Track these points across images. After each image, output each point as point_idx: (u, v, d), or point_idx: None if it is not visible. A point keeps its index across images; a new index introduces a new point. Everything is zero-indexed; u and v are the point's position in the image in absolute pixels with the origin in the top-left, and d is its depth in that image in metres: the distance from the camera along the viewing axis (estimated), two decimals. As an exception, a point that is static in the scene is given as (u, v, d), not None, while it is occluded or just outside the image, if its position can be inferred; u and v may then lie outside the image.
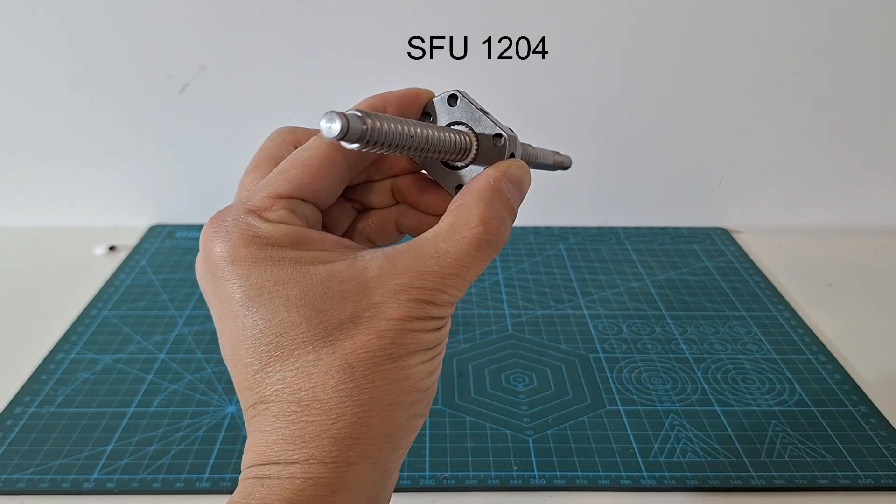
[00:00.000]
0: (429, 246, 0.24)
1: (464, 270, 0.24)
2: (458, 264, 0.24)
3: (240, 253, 0.23)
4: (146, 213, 0.76)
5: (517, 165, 0.26)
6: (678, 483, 0.43)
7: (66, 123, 0.70)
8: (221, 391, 0.50)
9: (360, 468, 0.22)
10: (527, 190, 0.26)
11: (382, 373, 0.22)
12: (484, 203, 0.24)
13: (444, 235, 0.24)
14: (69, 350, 0.54)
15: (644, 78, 0.69)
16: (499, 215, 0.24)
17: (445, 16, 0.66)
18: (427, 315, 0.23)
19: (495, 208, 0.25)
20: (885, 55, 0.68)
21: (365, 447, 0.22)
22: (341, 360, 0.22)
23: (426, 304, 0.23)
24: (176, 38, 0.67)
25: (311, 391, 0.22)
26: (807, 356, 0.54)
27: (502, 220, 0.25)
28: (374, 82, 0.68)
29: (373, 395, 0.22)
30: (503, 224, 0.25)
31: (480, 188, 0.25)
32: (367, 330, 0.22)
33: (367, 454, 0.22)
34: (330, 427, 0.22)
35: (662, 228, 0.75)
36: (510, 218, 0.25)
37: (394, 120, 0.23)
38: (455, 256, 0.24)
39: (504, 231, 0.25)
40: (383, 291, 0.23)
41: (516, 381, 0.52)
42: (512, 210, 0.25)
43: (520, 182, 0.26)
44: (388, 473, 0.24)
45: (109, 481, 0.43)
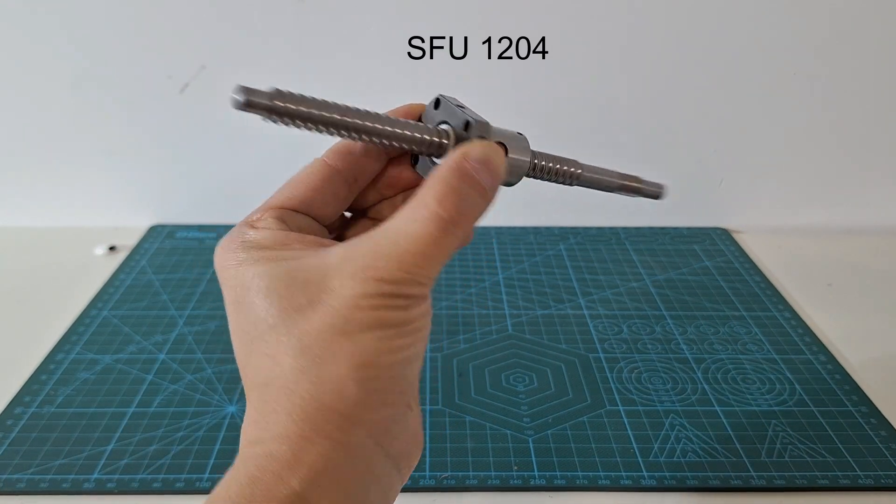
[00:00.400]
0: (387, 229, 0.24)
1: (423, 248, 0.24)
2: (415, 242, 0.24)
3: (230, 258, 0.25)
4: (146, 214, 0.76)
5: (482, 144, 0.26)
6: (678, 483, 0.43)
7: (66, 123, 0.70)
8: (221, 391, 0.50)
9: (316, 445, 0.22)
10: (499, 167, 0.26)
11: (333, 349, 0.23)
12: (441, 182, 0.25)
13: (401, 217, 0.25)
14: (69, 350, 0.54)
15: (644, 78, 0.69)
16: (459, 193, 0.24)
17: (445, 16, 0.66)
18: (383, 292, 0.23)
19: (454, 186, 0.25)
20: (885, 55, 0.68)
21: (319, 423, 0.23)
22: (296, 340, 0.23)
23: (382, 282, 0.23)
24: (176, 39, 0.67)
25: (272, 371, 0.23)
26: (807, 356, 0.54)
27: (464, 197, 0.25)
28: (375, 82, 0.69)
29: (322, 369, 0.23)
30: (465, 201, 0.24)
31: (440, 169, 0.25)
32: (322, 310, 0.23)
33: (323, 431, 0.23)
34: (287, 404, 0.23)
35: (662, 228, 0.75)
36: (478, 195, 0.25)
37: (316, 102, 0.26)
38: (412, 236, 0.24)
39: (468, 208, 0.25)
40: (341, 274, 0.24)
41: (516, 381, 0.52)
42: (478, 185, 0.25)
43: (486, 160, 0.25)
44: (361, 461, 0.23)
45: (109, 481, 0.43)
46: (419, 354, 0.25)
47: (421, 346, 0.25)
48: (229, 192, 0.75)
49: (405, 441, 0.26)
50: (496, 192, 0.26)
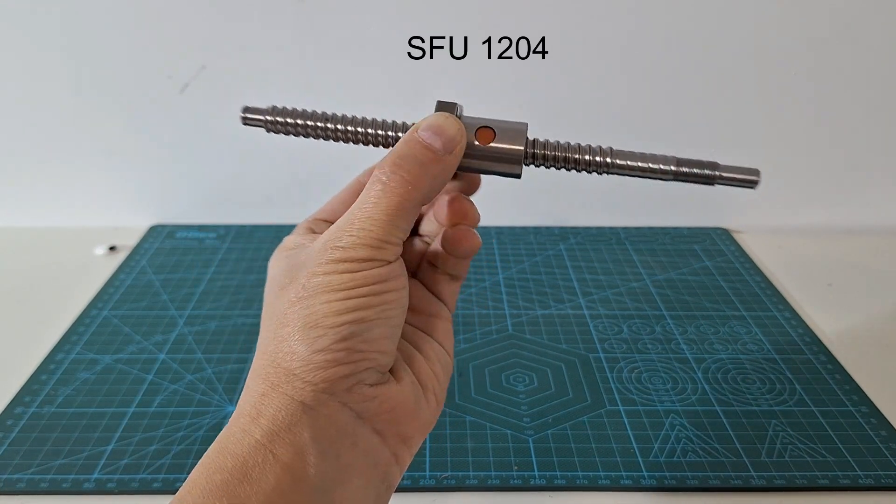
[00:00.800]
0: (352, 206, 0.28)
1: (369, 212, 0.26)
2: (362, 208, 0.27)
3: (271, 260, 0.30)
4: (146, 214, 0.76)
5: (433, 115, 0.28)
6: (678, 483, 0.43)
7: (66, 123, 0.70)
8: (222, 391, 0.50)
9: (273, 401, 0.25)
10: (448, 130, 0.28)
11: (290, 314, 0.26)
12: (389, 153, 0.27)
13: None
14: (69, 350, 0.54)
15: (644, 78, 0.69)
16: (403, 157, 0.27)
17: (445, 16, 0.66)
18: (334, 258, 0.26)
19: (399, 152, 0.27)
20: (885, 55, 0.68)
21: (275, 381, 0.26)
22: (272, 311, 0.27)
23: (335, 249, 0.26)
24: (176, 39, 0.67)
25: (260, 341, 0.27)
26: (807, 356, 0.54)
27: (409, 160, 0.27)
28: (375, 82, 0.69)
29: (281, 331, 0.26)
30: (410, 164, 0.27)
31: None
32: (293, 284, 0.27)
33: (279, 388, 0.25)
34: (257, 367, 0.27)
35: (662, 228, 0.75)
36: (429, 158, 0.27)
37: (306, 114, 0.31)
38: (359, 203, 0.27)
39: (414, 170, 0.27)
40: (311, 251, 0.27)
41: (516, 381, 0.52)
42: (426, 148, 0.27)
43: (434, 126, 0.28)
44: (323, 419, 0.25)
45: (110, 481, 0.43)
46: (380, 318, 0.26)
47: (382, 311, 0.26)
48: (229, 192, 0.75)
49: (388, 411, 0.27)
50: (452, 150, 0.28)
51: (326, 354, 0.25)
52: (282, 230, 0.74)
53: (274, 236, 0.73)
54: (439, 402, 0.30)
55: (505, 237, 0.74)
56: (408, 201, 0.27)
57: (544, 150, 0.30)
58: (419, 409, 0.28)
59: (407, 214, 0.27)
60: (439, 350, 0.31)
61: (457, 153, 0.28)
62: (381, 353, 0.27)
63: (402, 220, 0.27)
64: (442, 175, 0.28)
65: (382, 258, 0.26)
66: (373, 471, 0.27)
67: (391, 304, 0.27)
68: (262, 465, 0.24)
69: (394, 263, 0.27)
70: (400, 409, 0.27)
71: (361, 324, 0.26)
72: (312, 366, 0.25)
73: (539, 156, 0.30)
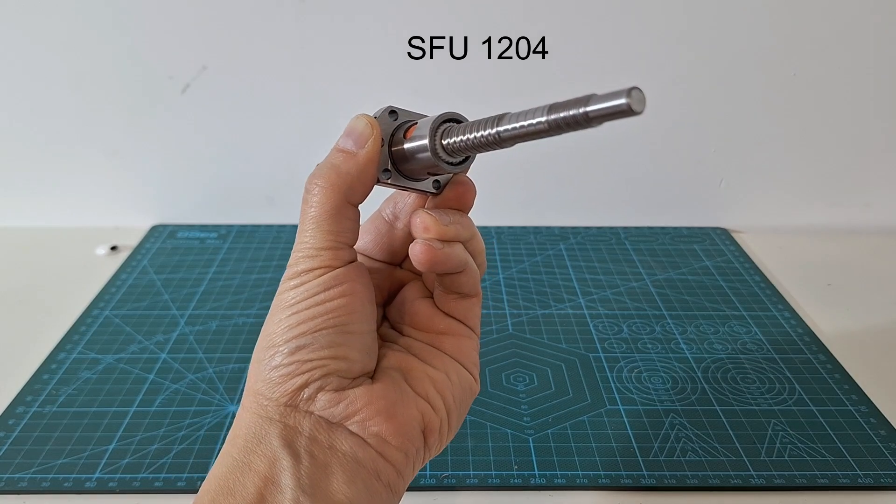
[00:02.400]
0: None
1: (301, 225, 0.28)
2: (301, 223, 0.28)
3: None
4: (148, 214, 0.76)
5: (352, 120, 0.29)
6: (678, 482, 0.43)
7: (67, 124, 0.71)
8: (223, 391, 0.50)
9: (243, 419, 0.27)
10: (356, 128, 0.29)
11: (259, 342, 0.28)
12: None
13: None
14: (71, 350, 0.55)
15: (644, 78, 0.69)
16: (320, 166, 0.28)
17: (445, 16, 0.66)
18: (286, 276, 0.28)
19: (319, 164, 0.29)
20: (885, 55, 0.68)
21: (246, 403, 0.28)
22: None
23: (287, 270, 0.28)
24: (177, 39, 0.67)
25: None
26: (807, 356, 0.55)
27: (325, 167, 0.28)
28: (375, 82, 0.69)
29: (253, 359, 0.28)
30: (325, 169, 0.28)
31: None
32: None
33: (248, 408, 0.27)
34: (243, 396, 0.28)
35: (662, 228, 0.75)
36: (342, 158, 0.28)
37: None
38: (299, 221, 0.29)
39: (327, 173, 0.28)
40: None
41: (517, 381, 0.52)
42: (341, 151, 0.28)
43: (348, 129, 0.29)
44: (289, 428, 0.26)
45: (111, 481, 0.43)
46: (328, 326, 0.27)
47: (328, 319, 0.27)
48: (230, 192, 0.75)
49: (358, 411, 0.27)
50: (364, 144, 0.28)
51: (280, 370, 0.27)
52: (283, 230, 0.74)
53: (275, 236, 0.73)
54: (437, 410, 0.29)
55: (505, 237, 0.74)
56: (330, 205, 0.28)
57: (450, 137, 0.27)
58: (396, 409, 0.28)
59: (335, 218, 0.28)
60: (451, 364, 0.31)
61: (370, 146, 0.28)
62: (335, 360, 0.27)
63: (333, 223, 0.28)
64: (360, 170, 0.28)
65: (322, 265, 0.28)
66: (357, 467, 0.27)
67: (340, 309, 0.27)
68: (241, 479, 0.25)
69: (339, 269, 0.28)
70: (370, 409, 0.27)
71: (307, 335, 0.27)
72: (271, 383, 0.27)
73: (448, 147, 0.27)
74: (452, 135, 0.27)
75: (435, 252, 0.28)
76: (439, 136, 0.27)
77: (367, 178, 0.28)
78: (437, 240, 0.29)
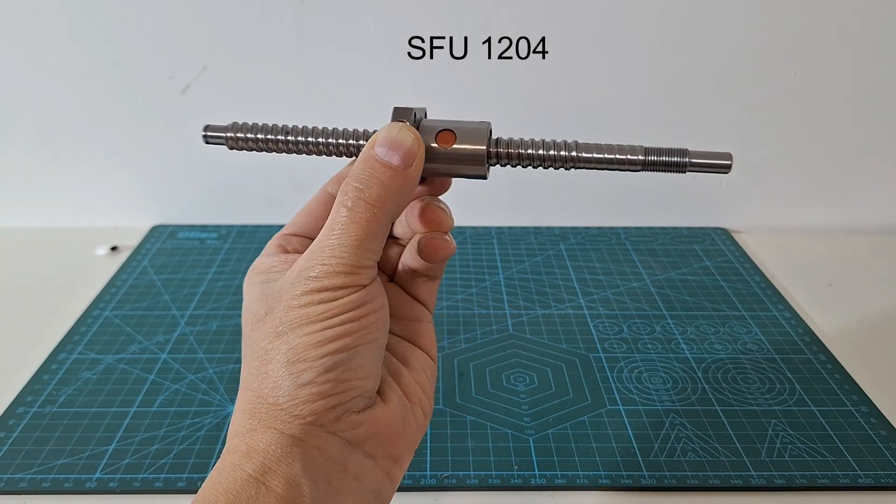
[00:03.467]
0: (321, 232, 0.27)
1: (337, 238, 0.26)
2: (329, 234, 0.26)
3: (245, 282, 0.29)
4: (148, 214, 0.76)
5: (385, 127, 0.27)
6: (678, 482, 0.43)
7: (67, 124, 0.71)
8: (223, 391, 0.50)
9: (260, 434, 0.25)
10: (405, 142, 0.27)
11: (272, 350, 0.26)
12: (350, 175, 0.27)
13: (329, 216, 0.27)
14: (71, 350, 0.55)
15: (644, 78, 0.69)
16: (361, 179, 0.26)
17: (445, 16, 0.66)
18: (309, 289, 0.26)
19: (357, 174, 0.26)
20: (885, 55, 0.68)
21: (263, 417, 0.26)
22: (253, 347, 0.27)
23: (309, 280, 0.26)
24: (177, 39, 0.67)
25: (244, 377, 0.27)
26: (807, 356, 0.55)
27: (369, 181, 0.26)
28: (375, 82, 0.69)
29: (264, 370, 0.26)
30: (370, 184, 0.26)
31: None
32: (269, 317, 0.27)
33: (265, 422, 0.26)
34: (242, 403, 0.27)
35: (662, 228, 0.75)
36: (388, 174, 0.26)
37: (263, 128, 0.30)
38: (326, 230, 0.26)
39: (375, 189, 0.26)
40: (285, 283, 0.27)
41: (517, 381, 0.52)
42: (384, 166, 0.26)
43: (390, 139, 0.27)
44: (313, 449, 0.25)
45: (111, 481, 0.43)
46: (362, 343, 0.26)
47: (363, 336, 0.26)
48: (230, 192, 0.75)
49: (378, 433, 0.27)
50: (412, 163, 0.27)
51: (311, 388, 0.25)
52: (283, 230, 0.74)
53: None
54: (426, 413, 0.30)
55: (505, 237, 0.74)
56: (375, 224, 0.26)
57: (508, 149, 0.29)
58: (407, 427, 0.28)
59: (376, 237, 0.26)
60: (423, 358, 0.31)
61: (417, 164, 0.27)
62: (366, 379, 0.26)
63: (372, 242, 0.26)
64: (405, 189, 0.27)
65: (357, 283, 0.26)
66: (365, 491, 0.27)
67: (371, 327, 0.27)
68: (255, 498, 0.24)
69: (370, 286, 0.27)
70: (388, 431, 0.27)
71: (343, 352, 0.26)
72: (299, 400, 0.25)
73: (503, 154, 0.29)
74: (511, 147, 0.29)
75: (450, 244, 0.30)
76: (494, 145, 0.29)
77: (410, 197, 0.28)
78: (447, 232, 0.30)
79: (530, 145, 0.29)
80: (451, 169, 0.29)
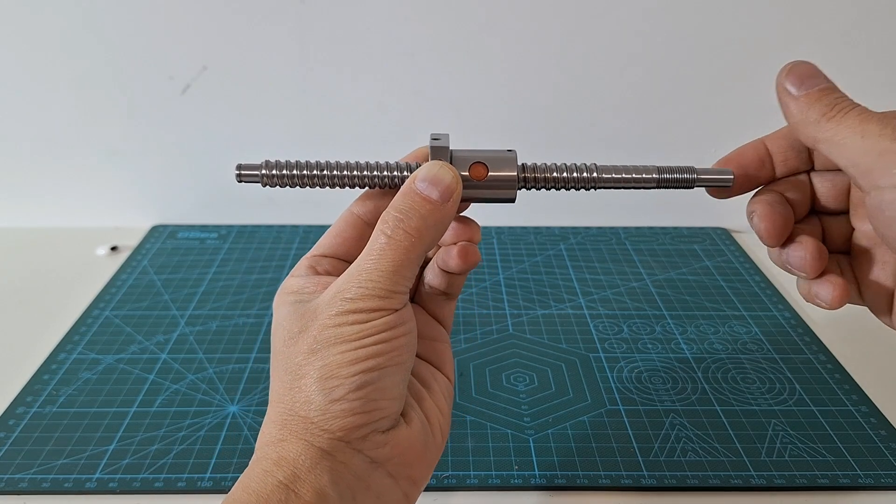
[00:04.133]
0: (359, 257, 0.28)
1: (374, 264, 0.27)
2: (367, 259, 0.28)
3: (275, 302, 0.31)
4: (148, 214, 0.76)
5: (427, 164, 0.29)
6: (678, 483, 0.43)
7: (67, 124, 0.71)
8: (223, 391, 0.50)
9: (290, 444, 0.27)
10: (444, 178, 0.28)
11: (306, 366, 0.27)
12: (391, 206, 0.28)
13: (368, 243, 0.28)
14: (71, 350, 0.55)
15: (644, 77, 0.69)
16: (402, 210, 0.28)
17: (445, 16, 0.66)
18: (345, 309, 0.27)
19: (398, 205, 0.28)
20: (885, 55, 0.68)
21: (294, 429, 0.27)
22: (286, 362, 0.28)
23: (344, 301, 0.27)
24: (178, 39, 0.67)
25: (275, 391, 0.28)
26: (807, 356, 0.55)
27: (409, 212, 0.28)
28: (376, 82, 0.69)
29: (297, 384, 0.27)
30: (410, 216, 0.28)
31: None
32: (305, 335, 0.28)
33: (297, 434, 0.27)
34: (273, 415, 0.28)
35: (662, 228, 0.75)
36: (428, 208, 0.28)
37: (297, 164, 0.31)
38: (365, 255, 0.28)
39: (415, 221, 0.28)
40: (321, 303, 0.28)
41: (517, 381, 0.52)
42: (424, 200, 0.28)
43: (430, 176, 0.28)
44: (339, 464, 0.26)
45: (111, 481, 0.43)
46: (392, 364, 0.27)
47: (393, 357, 0.27)
48: (231, 192, 0.75)
49: (400, 454, 0.28)
50: (450, 198, 0.28)
51: (343, 404, 0.26)
52: (283, 230, 0.74)
53: (275, 236, 0.73)
54: (444, 434, 0.31)
55: (505, 237, 0.74)
56: (412, 252, 0.28)
57: (534, 174, 0.32)
58: (427, 450, 0.29)
59: (411, 265, 0.28)
60: (442, 380, 0.32)
61: (454, 199, 0.29)
62: (393, 400, 0.28)
63: (407, 269, 0.28)
64: (442, 222, 0.28)
65: (390, 307, 0.27)
66: None
67: (401, 349, 0.28)
68: (285, 503, 0.25)
69: (402, 310, 0.28)
70: (410, 453, 0.28)
71: (374, 372, 0.27)
72: (330, 415, 0.26)
73: (530, 179, 0.31)
74: (537, 172, 0.31)
75: (477, 254, 0.32)
76: (522, 171, 0.31)
77: (445, 230, 0.29)
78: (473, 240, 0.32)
79: (555, 169, 0.31)
80: (484, 195, 0.31)
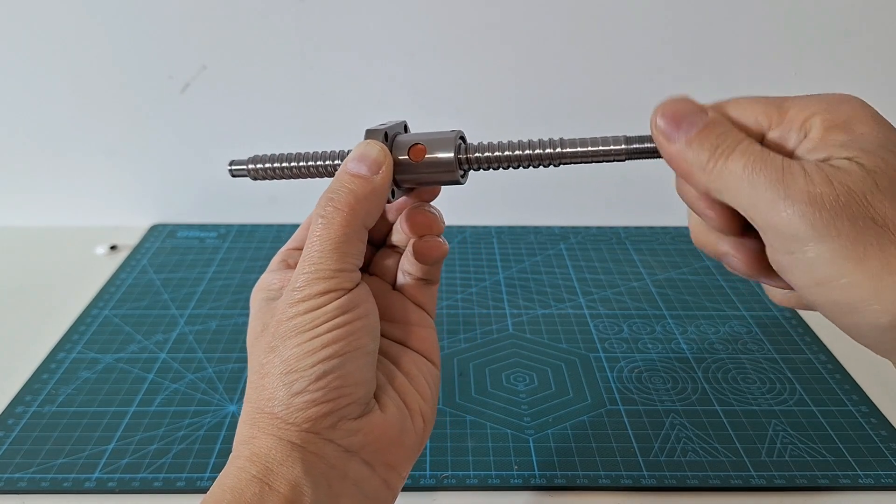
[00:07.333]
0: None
1: (314, 245, 0.27)
2: (308, 244, 0.28)
3: (250, 300, 0.32)
4: (147, 213, 0.76)
5: (357, 145, 0.30)
6: (679, 483, 0.43)
7: (67, 123, 0.71)
8: (222, 390, 0.50)
9: (261, 440, 0.27)
10: (371, 155, 0.29)
11: (267, 364, 0.27)
12: (325, 190, 0.29)
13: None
14: (70, 349, 0.55)
15: (644, 77, 0.69)
16: (334, 189, 0.28)
17: (445, 16, 0.66)
18: (296, 299, 0.27)
19: (331, 187, 0.29)
20: (885, 55, 0.68)
21: (262, 425, 0.27)
22: (253, 361, 0.29)
23: (295, 291, 0.27)
24: (177, 39, 0.67)
25: (246, 391, 0.29)
26: (807, 356, 0.55)
27: (339, 190, 0.28)
28: (375, 81, 0.69)
29: (261, 382, 0.27)
30: (340, 193, 0.28)
31: None
32: (265, 333, 0.28)
33: (264, 430, 0.27)
34: (244, 415, 0.28)
35: (662, 228, 0.75)
36: (357, 183, 0.28)
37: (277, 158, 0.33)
38: (307, 241, 0.28)
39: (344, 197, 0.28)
40: (280, 299, 0.28)
41: (517, 381, 0.52)
42: (353, 177, 0.28)
43: (360, 155, 0.29)
44: (311, 455, 0.26)
45: (111, 481, 0.43)
46: (351, 349, 0.27)
47: (351, 342, 0.27)
48: (230, 191, 0.75)
49: (374, 441, 0.27)
50: (379, 170, 0.29)
51: (304, 395, 0.26)
52: (283, 230, 0.74)
53: (275, 236, 0.73)
54: (427, 421, 0.31)
55: (505, 237, 0.74)
56: (348, 227, 0.27)
57: (477, 153, 0.30)
58: (405, 436, 0.29)
59: (351, 240, 0.28)
60: (423, 363, 0.32)
61: (384, 172, 0.29)
62: (358, 385, 0.27)
63: (349, 246, 0.28)
64: (374, 194, 0.28)
65: (339, 287, 0.27)
66: (363, 498, 0.27)
67: (359, 332, 0.27)
68: (260, 496, 0.25)
69: (354, 290, 0.28)
70: (385, 439, 0.28)
71: (333, 359, 0.26)
72: (293, 408, 0.26)
73: (473, 160, 0.30)
74: (480, 151, 0.30)
75: (442, 246, 0.32)
76: (463, 151, 0.30)
77: (382, 202, 0.29)
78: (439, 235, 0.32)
79: (506, 147, 0.30)
80: (430, 178, 0.31)
